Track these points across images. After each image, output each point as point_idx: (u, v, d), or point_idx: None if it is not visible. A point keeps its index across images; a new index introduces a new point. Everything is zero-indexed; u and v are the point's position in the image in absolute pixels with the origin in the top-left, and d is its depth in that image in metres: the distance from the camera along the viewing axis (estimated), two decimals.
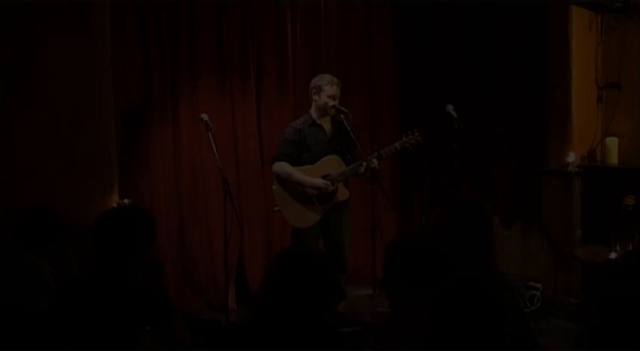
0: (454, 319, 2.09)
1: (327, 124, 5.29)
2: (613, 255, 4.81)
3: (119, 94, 5.42)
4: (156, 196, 5.70)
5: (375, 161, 5.07)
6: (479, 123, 6.21)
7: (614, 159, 5.46)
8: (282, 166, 5.18)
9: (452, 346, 2.11)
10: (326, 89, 5.18)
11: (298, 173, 5.16)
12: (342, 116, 5.22)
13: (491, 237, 2.98)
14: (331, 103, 5.17)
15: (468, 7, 6.26)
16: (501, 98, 6.08)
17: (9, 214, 3.65)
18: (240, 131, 6.07)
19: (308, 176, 5.15)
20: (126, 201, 4.84)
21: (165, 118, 5.75)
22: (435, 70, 6.64)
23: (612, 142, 5.48)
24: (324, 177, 5.19)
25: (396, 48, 6.84)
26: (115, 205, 4.67)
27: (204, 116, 5.23)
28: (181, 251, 5.88)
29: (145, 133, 5.68)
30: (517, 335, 2.76)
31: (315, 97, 5.23)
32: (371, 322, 3.84)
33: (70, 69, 4.57)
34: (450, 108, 5.43)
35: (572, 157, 5.53)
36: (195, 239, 5.90)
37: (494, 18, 6.09)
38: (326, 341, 2.43)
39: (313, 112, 5.28)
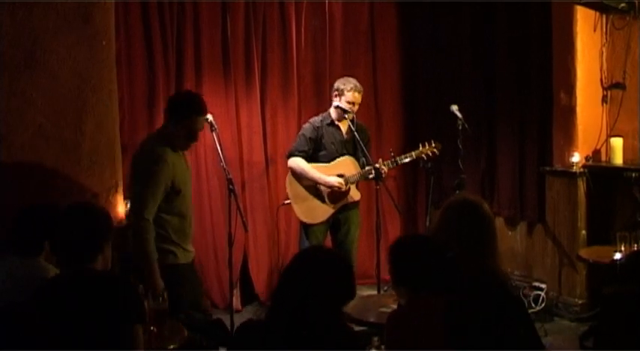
0: (473, 319, 2.09)
1: (344, 126, 5.35)
2: (618, 255, 4.81)
3: (124, 93, 5.43)
4: None
5: (385, 168, 5.19)
6: (483, 123, 6.21)
7: (618, 159, 5.45)
8: (297, 162, 5.24)
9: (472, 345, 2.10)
10: (347, 95, 5.23)
11: (313, 170, 5.22)
12: (345, 116, 5.25)
13: (490, 237, 2.97)
14: (352, 108, 5.22)
15: (472, 8, 6.26)
16: (506, 98, 6.08)
17: (12, 215, 3.64)
18: (245, 131, 6.07)
19: (323, 174, 5.19)
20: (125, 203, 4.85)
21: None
22: (440, 70, 6.64)
23: (617, 143, 5.47)
24: (338, 177, 5.25)
25: (400, 48, 6.83)
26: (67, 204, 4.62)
27: (209, 116, 5.24)
28: None
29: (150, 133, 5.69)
30: (521, 335, 2.75)
31: (336, 100, 5.27)
32: (376, 323, 3.84)
33: (75, 69, 4.56)
34: (454, 108, 5.46)
35: (576, 158, 5.53)
36: (199, 239, 5.89)
37: (498, 18, 6.08)
38: (342, 341, 2.44)
39: (332, 112, 5.32)
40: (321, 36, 6.43)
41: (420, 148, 5.39)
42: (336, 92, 5.27)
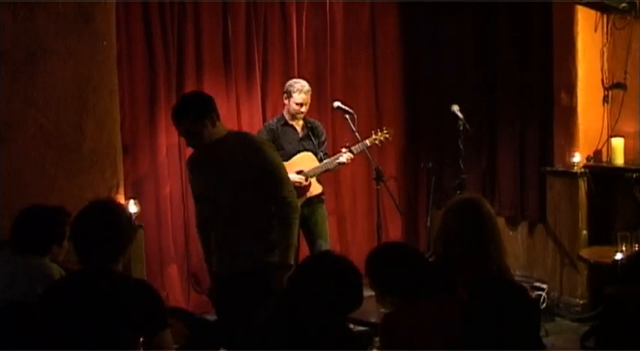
0: (472, 319, 2.12)
1: (298, 125, 5.42)
2: (619, 256, 4.80)
3: (124, 93, 5.43)
4: (161, 195, 5.70)
5: (347, 156, 5.25)
6: (484, 123, 6.20)
7: (619, 159, 5.44)
8: None
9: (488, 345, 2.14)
10: (295, 96, 5.30)
11: None
12: (347, 116, 5.28)
13: (492, 236, 2.96)
14: (301, 112, 5.31)
15: (473, 8, 6.25)
16: (507, 98, 6.07)
17: (13, 215, 3.64)
18: (246, 130, 6.06)
19: None
20: (132, 201, 4.85)
21: (170, 117, 5.73)
22: (441, 70, 6.63)
23: (618, 143, 5.46)
24: (298, 173, 5.28)
25: (401, 47, 6.82)
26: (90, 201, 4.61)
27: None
28: (187, 251, 5.86)
29: (151, 133, 5.68)
30: (522, 336, 2.75)
31: (285, 102, 5.37)
32: (377, 323, 3.83)
33: (75, 69, 4.57)
34: (455, 108, 5.46)
35: (577, 158, 5.52)
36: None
37: (500, 18, 6.08)
38: (343, 343, 2.44)
39: (286, 113, 5.40)
40: (322, 35, 6.42)
41: (373, 136, 5.48)
42: (285, 94, 5.36)
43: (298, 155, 5.34)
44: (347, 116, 5.26)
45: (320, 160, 5.38)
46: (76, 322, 2.69)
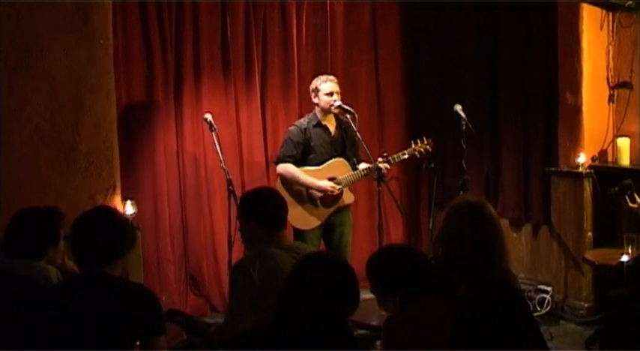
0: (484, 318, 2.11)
1: (331, 125, 5.28)
2: (624, 258, 4.76)
3: (122, 93, 5.41)
4: (159, 196, 5.66)
5: (383, 167, 5.06)
6: (488, 123, 6.15)
7: (625, 160, 5.40)
8: (287, 168, 5.16)
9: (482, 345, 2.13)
10: (322, 88, 5.19)
11: (304, 175, 5.14)
12: (347, 116, 5.19)
13: (494, 238, 2.92)
14: (333, 100, 5.15)
15: (477, 7, 6.20)
16: (511, 98, 6.02)
17: (10, 215, 3.60)
18: (245, 131, 6.03)
19: (314, 178, 5.12)
20: (129, 202, 4.80)
21: (168, 117, 5.72)
22: (444, 70, 6.59)
23: (624, 143, 5.42)
24: (330, 180, 5.17)
25: (403, 47, 6.78)
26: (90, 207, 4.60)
27: (208, 116, 5.23)
28: (185, 253, 5.83)
29: (149, 133, 5.65)
30: (525, 338, 2.70)
31: (316, 100, 5.24)
32: (378, 326, 3.79)
33: (72, 69, 4.55)
34: (458, 108, 5.41)
35: (582, 158, 5.48)
36: (198, 241, 5.86)
37: (504, 17, 6.03)
38: (344, 345, 2.42)
39: (318, 112, 5.28)
40: (322, 35, 6.38)
41: (413, 146, 5.38)
42: (313, 93, 5.24)
43: (331, 161, 5.23)
44: (348, 116, 5.19)
45: (353, 167, 5.26)
46: (73, 326, 2.72)
